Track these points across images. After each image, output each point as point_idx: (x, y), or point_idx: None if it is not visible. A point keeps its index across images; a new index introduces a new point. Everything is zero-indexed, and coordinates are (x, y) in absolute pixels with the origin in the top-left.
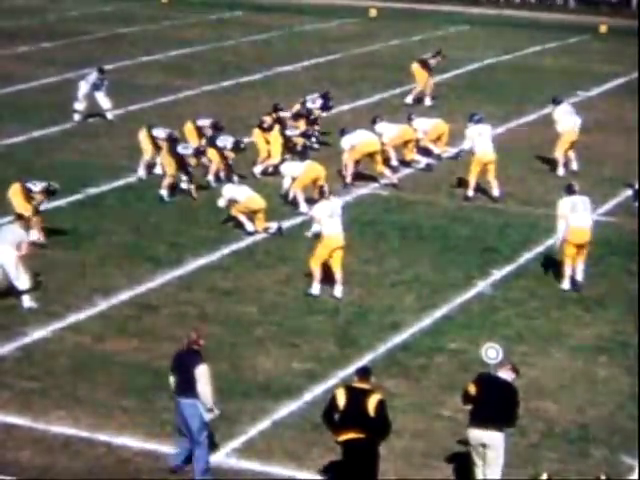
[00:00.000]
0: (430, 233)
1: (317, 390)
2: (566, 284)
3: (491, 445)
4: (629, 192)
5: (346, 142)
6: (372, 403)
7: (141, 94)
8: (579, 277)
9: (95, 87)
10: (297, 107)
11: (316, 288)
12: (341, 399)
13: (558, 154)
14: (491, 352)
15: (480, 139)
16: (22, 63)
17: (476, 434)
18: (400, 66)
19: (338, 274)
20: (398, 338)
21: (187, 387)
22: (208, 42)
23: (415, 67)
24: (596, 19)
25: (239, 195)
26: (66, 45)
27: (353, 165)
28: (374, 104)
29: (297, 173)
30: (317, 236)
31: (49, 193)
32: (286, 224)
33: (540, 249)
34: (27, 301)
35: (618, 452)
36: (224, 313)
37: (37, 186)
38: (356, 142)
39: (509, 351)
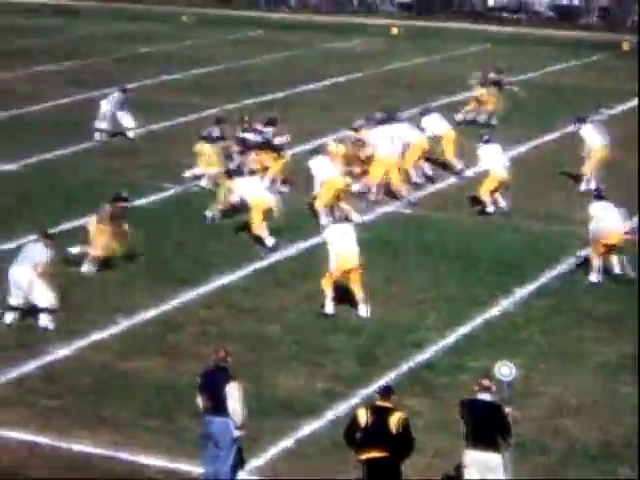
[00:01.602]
0: (453, 251)
1: (339, 409)
2: (594, 277)
3: (489, 468)
4: None
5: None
6: (394, 421)
7: (162, 113)
8: (617, 270)
9: (117, 107)
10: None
11: (329, 307)
12: (363, 418)
13: (586, 170)
14: (504, 370)
15: (495, 158)
16: (42, 82)
17: (474, 456)
18: (421, 84)
19: (359, 294)
20: (421, 356)
21: (218, 405)
22: (229, 61)
23: (482, 91)
24: (619, 36)
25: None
26: (87, 64)
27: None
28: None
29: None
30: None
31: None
32: (308, 243)
33: (563, 267)
34: (44, 320)
35: None
36: (246, 332)
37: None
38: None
39: (531, 369)
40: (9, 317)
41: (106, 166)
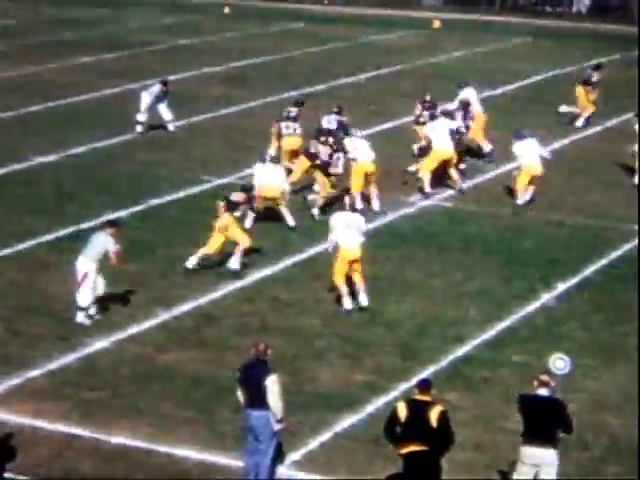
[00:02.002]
0: (494, 245)
1: (378, 402)
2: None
3: (545, 463)
4: None
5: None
6: (434, 415)
7: (203, 105)
8: None
9: (158, 99)
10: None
11: (347, 302)
12: (402, 412)
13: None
14: (559, 363)
15: (530, 152)
16: (84, 74)
17: (531, 452)
18: (462, 77)
19: (360, 284)
20: (461, 350)
21: (258, 398)
22: (270, 53)
23: (579, 90)
24: None
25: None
26: (128, 56)
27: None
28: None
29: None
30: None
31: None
32: None
33: (604, 262)
34: (80, 316)
35: None
36: (285, 324)
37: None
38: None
39: (573, 364)
40: (92, 309)
41: (146, 159)
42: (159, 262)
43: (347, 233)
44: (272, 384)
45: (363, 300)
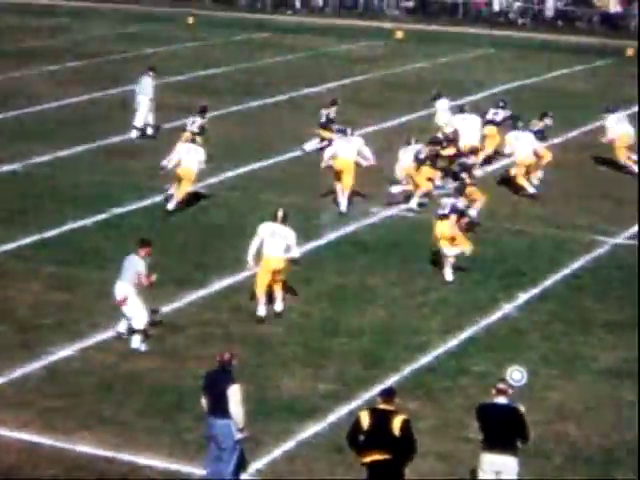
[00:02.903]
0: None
1: (342, 411)
2: None
3: (505, 470)
4: None
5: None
6: (397, 423)
7: (166, 114)
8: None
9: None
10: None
11: (261, 310)
12: (365, 420)
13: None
14: (516, 374)
15: (519, 144)
16: (48, 83)
17: (490, 459)
18: (425, 88)
19: (277, 293)
20: (423, 360)
21: (220, 407)
22: (234, 63)
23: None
24: (623, 42)
25: None
26: (93, 64)
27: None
28: (400, 126)
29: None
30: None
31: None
32: (310, 245)
33: (566, 271)
34: (136, 342)
35: None
36: (249, 334)
37: None
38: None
39: (534, 374)
40: (135, 342)
41: (110, 167)
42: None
43: (271, 242)
44: (234, 394)
45: (278, 307)
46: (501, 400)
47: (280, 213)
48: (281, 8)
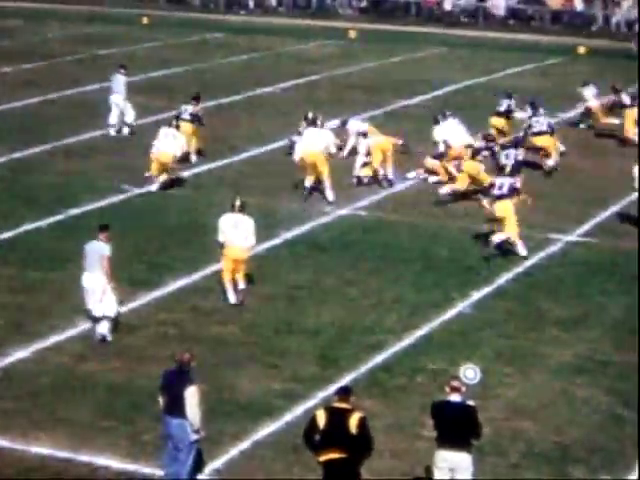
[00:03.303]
0: (410, 254)
1: (298, 410)
2: None
3: (460, 467)
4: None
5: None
6: (354, 421)
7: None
8: None
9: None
10: None
11: (232, 297)
12: (321, 419)
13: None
14: (469, 372)
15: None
16: (3, 84)
17: (445, 456)
18: (378, 87)
19: (240, 283)
20: (379, 358)
21: (176, 407)
22: (189, 63)
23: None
24: (575, 40)
25: None
26: (48, 66)
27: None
28: None
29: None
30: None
31: None
32: (266, 245)
33: (519, 269)
34: (104, 328)
35: (598, 472)
36: (204, 334)
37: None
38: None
39: (488, 371)
40: (103, 328)
41: (65, 168)
42: (78, 271)
43: (233, 233)
44: (191, 396)
45: (238, 298)
46: (455, 398)
47: (237, 202)
48: (234, 8)
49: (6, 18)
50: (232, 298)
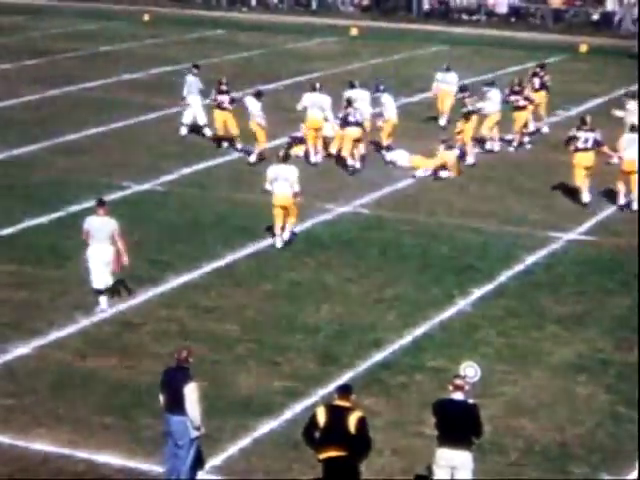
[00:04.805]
0: (410, 251)
1: (298, 408)
2: (621, 199)
3: (460, 465)
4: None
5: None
6: (353, 420)
7: (122, 112)
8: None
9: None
10: None
11: (279, 242)
12: (321, 417)
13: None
14: (469, 371)
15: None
16: (4, 80)
17: (446, 454)
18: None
19: (289, 224)
20: (379, 356)
21: (176, 404)
22: (190, 60)
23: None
24: (577, 39)
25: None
26: (49, 62)
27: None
28: None
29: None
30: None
31: None
32: (265, 243)
33: (520, 267)
34: (104, 302)
35: (598, 470)
36: (205, 331)
37: None
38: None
39: (489, 369)
40: (103, 302)
41: (66, 165)
42: (79, 268)
43: (277, 184)
44: (190, 392)
45: (286, 235)
46: (458, 396)
47: (281, 153)
48: (236, 5)
49: (7, 14)
50: (279, 243)
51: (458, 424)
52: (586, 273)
